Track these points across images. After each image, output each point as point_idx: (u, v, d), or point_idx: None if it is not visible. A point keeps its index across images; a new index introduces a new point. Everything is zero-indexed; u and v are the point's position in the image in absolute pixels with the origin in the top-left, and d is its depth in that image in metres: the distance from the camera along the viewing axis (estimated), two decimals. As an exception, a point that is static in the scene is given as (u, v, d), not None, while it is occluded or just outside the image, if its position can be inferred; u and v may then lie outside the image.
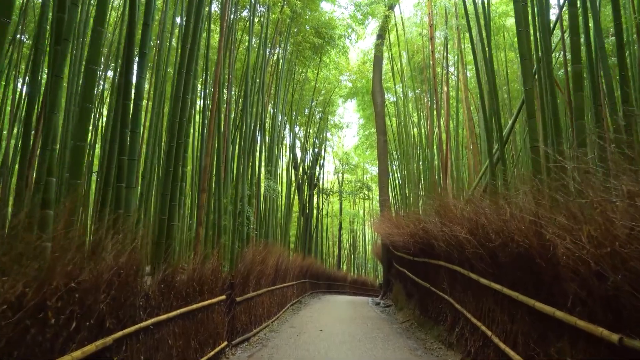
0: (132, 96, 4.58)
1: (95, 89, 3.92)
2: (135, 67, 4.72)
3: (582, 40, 5.24)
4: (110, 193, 4.96)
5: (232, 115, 12.53)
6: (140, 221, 7.52)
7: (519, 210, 4.17)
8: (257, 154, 12.09)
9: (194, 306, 5.07)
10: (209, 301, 5.59)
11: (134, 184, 4.48)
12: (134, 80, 4.68)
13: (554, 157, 4.64)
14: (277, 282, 11.47)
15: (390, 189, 23.34)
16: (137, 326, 3.69)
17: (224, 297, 6.32)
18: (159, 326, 4.18)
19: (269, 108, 17.99)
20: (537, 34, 5.98)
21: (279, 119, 17.39)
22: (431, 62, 12.87)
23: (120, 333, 3.39)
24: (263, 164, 13.43)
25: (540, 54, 5.86)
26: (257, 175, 11.51)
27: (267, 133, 16.94)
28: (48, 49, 5.91)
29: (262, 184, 11.96)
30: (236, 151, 10.92)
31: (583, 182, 3.12)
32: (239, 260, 7.27)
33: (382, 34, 16.60)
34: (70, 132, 6.84)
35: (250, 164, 11.20)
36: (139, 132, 4.71)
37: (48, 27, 5.57)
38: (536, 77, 6.59)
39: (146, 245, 5.43)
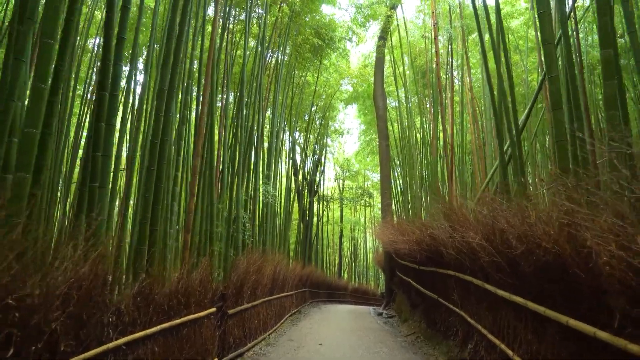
0: (108, 86, 4.10)
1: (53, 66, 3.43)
2: (113, 54, 4.24)
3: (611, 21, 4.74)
4: (86, 195, 4.45)
5: (229, 120, 12.08)
6: (125, 227, 7.01)
7: (546, 212, 3.65)
8: (254, 158, 11.60)
9: (178, 321, 4.53)
10: (197, 315, 5.05)
11: (107, 183, 3.98)
12: (111, 68, 4.19)
13: (583, 152, 4.13)
14: (275, 291, 10.91)
15: (392, 196, 22.78)
16: (104, 347, 3.16)
17: (214, 309, 5.78)
18: (134, 345, 3.64)
19: (268, 112, 17.56)
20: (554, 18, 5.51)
21: (278, 123, 16.93)
22: (435, 65, 12.42)
23: (81, 356, 2.86)
24: (261, 168, 12.95)
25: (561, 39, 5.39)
26: (254, 180, 11.01)
27: (265, 137, 16.49)
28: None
29: (260, 189, 11.44)
30: (231, 155, 10.44)
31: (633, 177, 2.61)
32: (232, 270, 6.74)
33: (384, 35, 16.19)
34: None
35: (247, 168, 10.70)
36: (114, 125, 4.22)
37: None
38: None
39: (124, 253, 4.91)
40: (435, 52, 11.77)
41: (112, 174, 5.60)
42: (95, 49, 12.60)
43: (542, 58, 10.42)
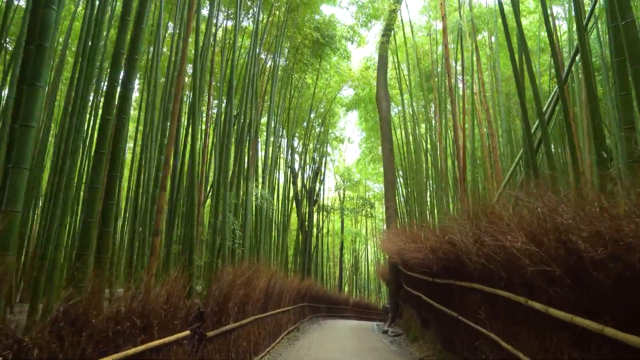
0: (36, 37, 3.10)
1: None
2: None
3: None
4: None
5: (222, 118, 11.05)
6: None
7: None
8: (247, 158, 10.55)
9: (131, 351, 3.43)
10: (160, 341, 3.94)
11: (25, 163, 2.92)
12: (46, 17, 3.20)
13: None
14: (270, 307, 9.78)
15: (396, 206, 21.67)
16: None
17: (187, 333, 4.67)
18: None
19: (264, 115, 16.57)
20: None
21: (274, 125, 15.94)
22: (444, 58, 11.45)
23: None
24: (254, 169, 11.90)
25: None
26: (245, 182, 9.89)
27: (261, 140, 15.46)
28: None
29: (255, 193, 10.33)
30: (219, 151, 9.35)
31: None
32: (213, 283, 5.64)
33: (387, 32, 15.24)
34: None
35: (238, 170, 9.68)
36: (41, 87, 3.17)
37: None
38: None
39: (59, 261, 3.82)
40: (444, 46, 10.79)
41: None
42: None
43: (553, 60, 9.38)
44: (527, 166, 6.78)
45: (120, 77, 4.57)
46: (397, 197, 22.51)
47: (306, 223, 25.02)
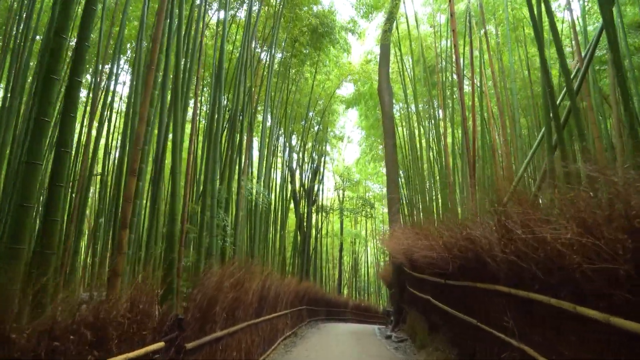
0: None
1: None
2: None
3: None
4: None
5: (211, 110, 10.28)
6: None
7: None
8: (239, 152, 9.76)
9: (76, 373, 2.66)
10: (121, 357, 3.17)
11: None
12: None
13: None
14: (265, 312, 9.01)
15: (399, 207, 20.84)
16: None
17: (161, 344, 3.90)
18: None
19: (260, 113, 15.80)
20: None
21: (270, 121, 15.18)
22: (453, 44, 10.70)
23: None
24: (250, 165, 11.12)
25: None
26: (237, 172, 9.05)
27: (257, 138, 14.71)
28: None
29: (250, 186, 9.51)
30: (207, 135, 8.54)
31: None
32: (196, 285, 4.87)
33: (390, 20, 14.43)
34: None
35: (230, 162, 8.89)
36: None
37: None
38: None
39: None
40: (452, 31, 10.04)
41: None
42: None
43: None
44: (551, 149, 6.02)
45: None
46: (399, 196, 21.72)
47: (305, 223, 24.24)
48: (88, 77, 13.90)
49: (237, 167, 9.08)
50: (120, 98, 15.99)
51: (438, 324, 8.21)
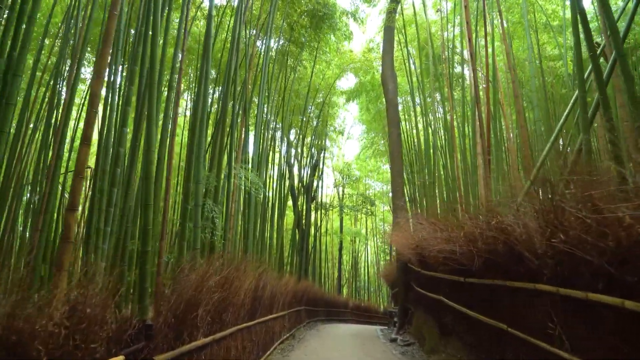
0: None
1: None
2: None
3: None
4: None
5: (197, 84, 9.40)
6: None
7: None
8: (231, 136, 8.86)
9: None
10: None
11: None
12: None
13: None
14: (259, 314, 8.15)
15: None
16: None
17: (120, 359, 3.04)
18: None
19: (254, 108, 14.92)
20: None
21: (266, 111, 14.33)
22: (466, 31, 9.86)
23: None
24: (244, 150, 10.18)
25: None
26: (228, 154, 8.10)
27: (252, 125, 13.80)
28: None
29: (243, 174, 8.59)
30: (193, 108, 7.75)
31: None
32: (172, 284, 4.01)
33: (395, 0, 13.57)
34: None
35: (220, 147, 8.02)
36: None
37: None
38: None
39: None
40: (464, 7, 9.19)
41: None
42: None
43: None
44: (587, 124, 5.18)
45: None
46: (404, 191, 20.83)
47: (303, 220, 23.38)
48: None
49: (228, 153, 8.20)
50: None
51: (452, 328, 7.36)
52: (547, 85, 16.26)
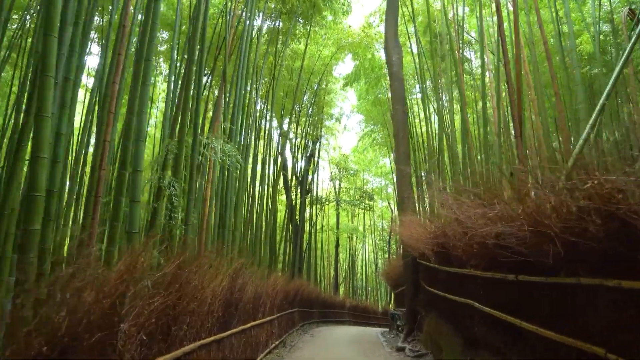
0: None
1: None
2: None
3: None
4: None
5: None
6: None
7: None
8: (197, 98, 7.04)
9: None
10: None
11: None
12: None
13: None
14: (237, 322, 6.44)
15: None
16: None
17: None
18: None
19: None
20: None
21: (249, 88, 12.58)
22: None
23: None
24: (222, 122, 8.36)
25: None
26: (194, 130, 6.37)
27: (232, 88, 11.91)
28: None
29: (216, 145, 6.83)
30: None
31: None
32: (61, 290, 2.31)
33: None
34: None
35: (188, 111, 6.30)
36: None
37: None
38: None
39: None
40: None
41: None
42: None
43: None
44: None
45: None
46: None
47: (297, 215, 21.69)
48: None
49: (200, 120, 6.52)
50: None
51: (485, 340, 5.68)
52: (566, 63, 14.67)
